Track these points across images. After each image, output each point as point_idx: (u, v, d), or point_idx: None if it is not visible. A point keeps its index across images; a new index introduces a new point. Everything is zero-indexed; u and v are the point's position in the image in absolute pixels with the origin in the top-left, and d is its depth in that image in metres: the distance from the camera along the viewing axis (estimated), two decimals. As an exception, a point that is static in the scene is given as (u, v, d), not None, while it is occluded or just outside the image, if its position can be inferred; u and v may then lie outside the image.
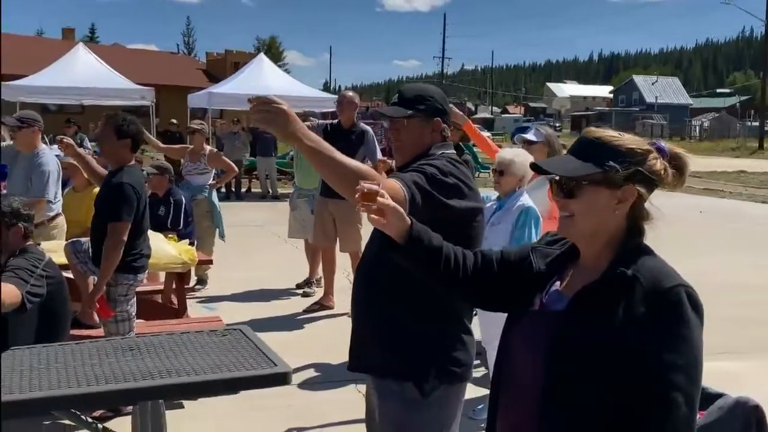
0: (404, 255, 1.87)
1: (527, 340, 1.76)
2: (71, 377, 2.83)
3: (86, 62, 16.99)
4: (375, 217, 1.80)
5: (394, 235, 1.85)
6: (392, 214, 1.81)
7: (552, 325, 1.69)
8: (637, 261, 1.67)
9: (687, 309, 1.60)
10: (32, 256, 3.35)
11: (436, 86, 2.95)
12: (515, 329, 1.82)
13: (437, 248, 1.90)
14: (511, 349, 1.81)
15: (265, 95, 2.13)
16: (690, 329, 1.59)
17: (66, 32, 41.57)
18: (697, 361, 1.60)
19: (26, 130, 5.42)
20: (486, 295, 1.97)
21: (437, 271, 1.90)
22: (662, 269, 1.66)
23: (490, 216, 4.43)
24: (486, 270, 1.95)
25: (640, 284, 1.62)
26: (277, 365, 3.01)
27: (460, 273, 1.92)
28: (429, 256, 1.89)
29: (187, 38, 75.54)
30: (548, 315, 1.75)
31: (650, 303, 1.60)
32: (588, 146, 1.75)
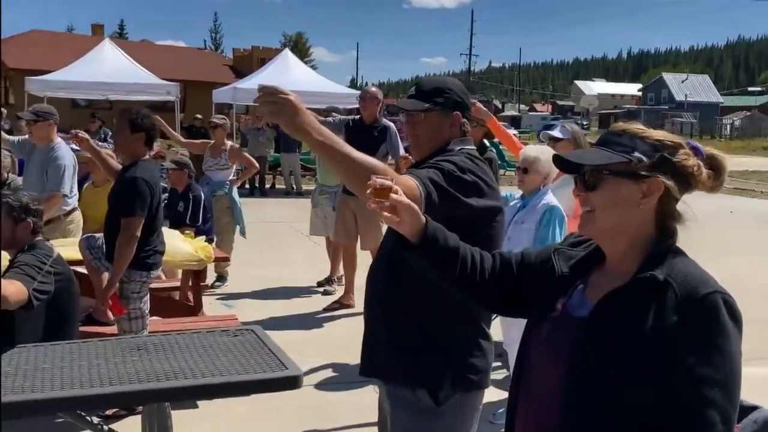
0: (418, 255, 1.75)
1: (548, 347, 1.64)
2: (75, 378, 2.75)
3: (112, 58, 17.04)
4: (388, 215, 1.68)
5: (407, 234, 1.73)
6: (406, 211, 1.69)
7: (574, 333, 1.56)
8: (668, 264, 1.53)
9: (724, 317, 1.46)
10: (40, 252, 3.27)
11: (460, 81, 2.82)
12: (536, 335, 1.69)
13: (453, 249, 1.78)
14: (531, 356, 1.69)
15: (272, 85, 1.99)
16: (727, 339, 1.45)
17: (95, 28, 41.82)
18: (734, 375, 1.46)
19: (42, 124, 5.37)
20: (505, 299, 1.84)
21: (453, 273, 1.78)
22: (696, 274, 1.52)
23: (514, 215, 4.29)
24: (505, 273, 1.82)
25: (672, 290, 1.48)
26: (288, 368, 2.91)
27: (477, 275, 1.80)
28: (444, 257, 1.77)
29: (215, 34, 75.89)
30: (571, 321, 1.61)
31: (683, 310, 1.46)
32: (613, 137, 1.62)
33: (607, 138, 1.64)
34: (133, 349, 3.10)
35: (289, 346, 5.88)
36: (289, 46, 52.49)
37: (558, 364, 1.56)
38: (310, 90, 16.54)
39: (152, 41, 48.95)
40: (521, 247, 3.95)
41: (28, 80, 15.91)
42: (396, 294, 2.33)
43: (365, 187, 1.95)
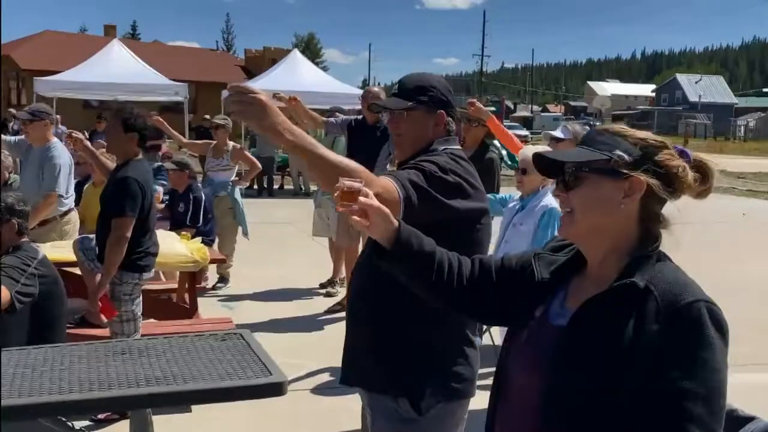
0: (391, 261, 1.67)
1: (525, 357, 1.56)
2: (55, 382, 2.69)
3: (121, 58, 17.04)
4: (357, 219, 1.60)
5: (379, 239, 1.65)
6: (376, 214, 1.61)
7: (552, 342, 1.48)
8: (650, 271, 1.45)
9: (708, 328, 1.37)
10: (24, 254, 3.21)
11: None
12: (514, 343, 1.61)
13: (429, 254, 1.69)
14: (510, 366, 1.61)
15: (242, 84, 1.91)
16: (711, 351, 1.37)
17: (108, 29, 41.98)
18: (718, 389, 1.37)
19: (37, 123, 5.32)
20: (483, 306, 1.75)
21: (428, 280, 1.70)
22: (680, 281, 1.44)
23: (512, 216, 4.21)
24: (484, 279, 1.74)
25: (654, 298, 1.40)
26: (273, 374, 2.83)
27: (455, 282, 1.71)
28: (419, 263, 1.68)
29: (227, 35, 76.11)
30: (549, 330, 1.53)
31: (665, 320, 1.38)
32: (595, 136, 1.55)
33: (589, 137, 1.57)
34: (117, 353, 3.03)
35: (289, 349, 5.89)
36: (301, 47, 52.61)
37: (536, 374, 1.48)
38: (318, 90, 16.50)
39: (164, 42, 49.10)
40: (518, 250, 3.89)
41: (36, 81, 15.94)
42: (376, 301, 2.25)
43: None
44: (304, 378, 5.22)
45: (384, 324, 2.26)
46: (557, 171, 1.55)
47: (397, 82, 2.46)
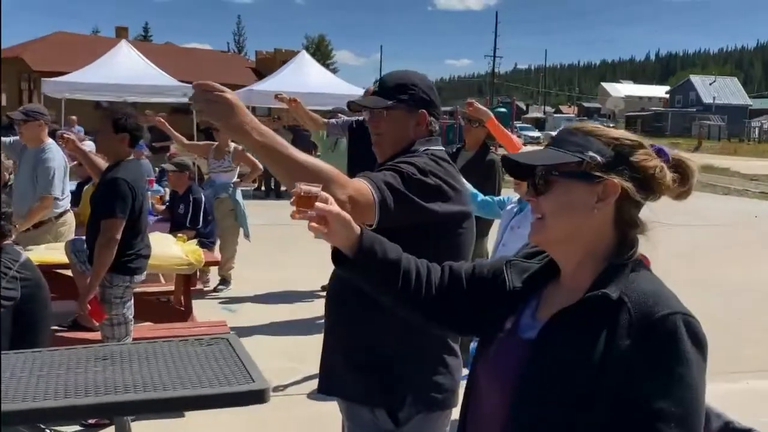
0: (352, 269, 1.58)
1: (494, 372, 1.47)
2: (30, 389, 2.62)
3: (129, 59, 17.01)
4: (315, 225, 1.51)
5: (340, 246, 1.56)
6: (336, 220, 1.53)
7: (520, 357, 1.39)
8: (625, 280, 1.35)
9: (684, 342, 1.28)
10: (6, 257, 3.15)
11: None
12: (483, 357, 1.52)
13: (393, 262, 1.60)
14: (479, 381, 1.51)
15: (208, 82, 1.83)
16: (687, 368, 1.27)
17: (119, 31, 42.04)
18: (695, 408, 1.28)
19: (32, 124, 5.27)
20: (454, 317, 1.66)
21: (394, 289, 1.60)
22: (655, 292, 1.34)
23: (510, 219, 4.11)
24: (454, 288, 1.65)
25: (627, 310, 1.31)
26: (255, 381, 2.75)
27: (423, 291, 1.62)
28: (383, 272, 1.59)
29: (238, 37, 76.24)
30: (518, 343, 1.44)
31: (638, 334, 1.29)
32: (566, 136, 1.45)
33: (560, 137, 1.47)
34: (99, 359, 2.96)
35: (288, 352, 5.82)
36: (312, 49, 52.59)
37: (504, 391, 1.39)
38: (326, 92, 16.42)
39: (176, 44, 49.23)
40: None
41: (44, 82, 15.95)
42: (352, 307, 2.17)
43: None
44: (301, 382, 5.14)
45: (358, 333, 2.18)
46: (528, 174, 1.46)
47: (377, 81, 2.37)
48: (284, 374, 5.19)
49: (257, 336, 6.19)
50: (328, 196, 1.54)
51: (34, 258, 3.96)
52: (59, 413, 2.59)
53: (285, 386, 5.04)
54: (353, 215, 1.92)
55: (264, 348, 5.70)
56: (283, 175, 1.88)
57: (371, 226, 1.97)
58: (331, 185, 1.84)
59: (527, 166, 1.44)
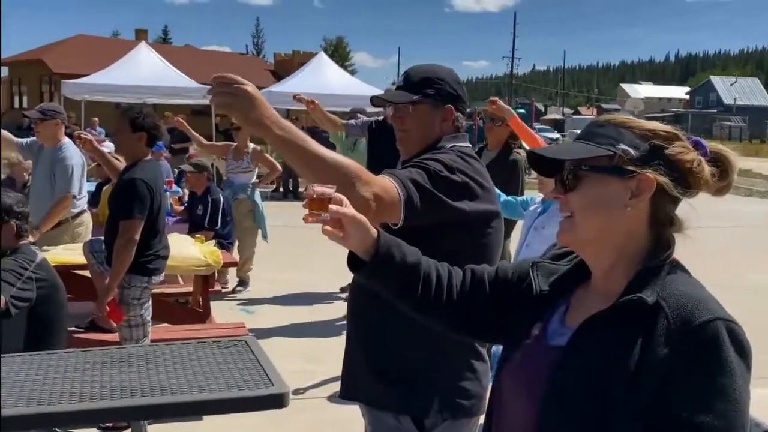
0: (370, 274, 1.49)
1: (520, 381, 1.37)
2: (46, 392, 2.57)
3: (148, 61, 17.02)
4: (329, 229, 1.43)
5: (356, 250, 1.48)
6: (351, 223, 1.44)
7: (549, 365, 1.29)
8: (662, 283, 1.26)
9: (727, 350, 1.18)
10: (22, 257, 3.10)
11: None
12: (508, 366, 1.42)
13: (412, 266, 1.51)
14: (504, 390, 1.42)
15: (228, 74, 1.75)
16: (730, 378, 1.17)
17: (139, 33, 42.35)
18: (738, 422, 1.17)
19: (48, 122, 5.23)
20: (476, 324, 1.56)
21: (413, 296, 1.52)
22: (696, 296, 1.24)
23: (534, 219, 4.01)
24: (476, 293, 1.55)
25: (664, 315, 1.21)
26: (274, 385, 2.68)
27: (444, 297, 1.53)
28: (402, 277, 1.50)
29: (257, 39, 76.38)
30: (546, 350, 1.35)
31: (677, 341, 1.19)
32: (596, 129, 1.35)
33: (589, 130, 1.37)
34: (115, 362, 2.91)
35: (306, 354, 5.75)
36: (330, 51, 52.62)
37: (531, 401, 1.30)
38: (344, 93, 16.37)
39: (195, 46, 49.49)
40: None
41: (64, 84, 16.00)
42: (376, 310, 2.08)
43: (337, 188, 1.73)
44: (320, 385, 5.07)
45: (382, 338, 2.10)
46: (555, 170, 1.36)
47: (403, 74, 2.28)
48: (303, 377, 5.12)
49: (275, 338, 6.13)
50: (343, 197, 1.45)
51: (51, 258, 3.92)
52: (75, 417, 2.53)
53: (304, 389, 4.97)
54: (378, 213, 1.84)
55: (282, 350, 5.64)
56: (306, 171, 1.80)
57: (396, 225, 1.89)
58: (356, 182, 1.76)
59: (554, 161, 1.35)
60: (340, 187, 1.76)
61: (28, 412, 2.42)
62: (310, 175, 1.81)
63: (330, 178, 1.76)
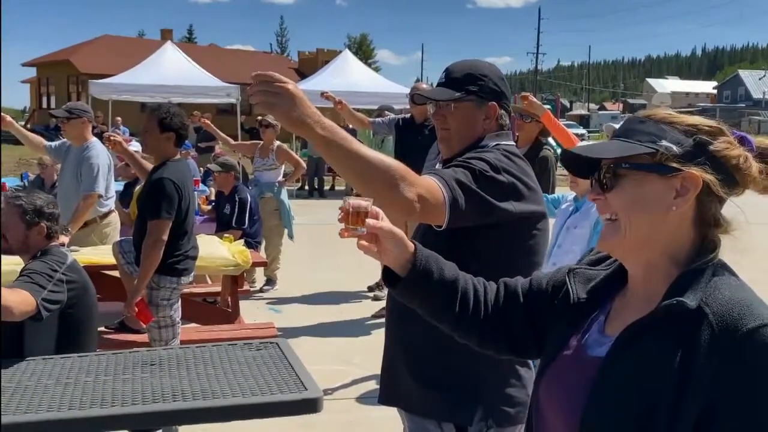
0: (405, 292, 1.43)
1: (559, 393, 1.30)
2: (77, 396, 2.54)
3: (174, 61, 17.11)
4: (365, 244, 1.37)
5: (392, 266, 1.42)
6: (388, 239, 1.38)
7: (589, 377, 1.21)
8: (706, 287, 1.17)
9: None
10: (53, 259, 3.07)
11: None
12: (547, 378, 1.34)
13: (450, 282, 1.45)
14: (542, 404, 1.34)
15: (268, 72, 1.68)
16: None
17: (164, 33, 42.56)
18: None
19: (75, 121, 5.22)
20: (513, 339, 1.49)
21: (450, 314, 1.46)
22: (743, 300, 1.15)
23: (566, 218, 3.93)
24: (511, 306, 1.49)
25: (708, 322, 1.13)
26: (308, 389, 2.63)
27: (481, 314, 1.47)
28: (439, 294, 1.44)
29: (281, 38, 76.54)
30: (586, 361, 1.27)
31: (723, 350, 1.11)
32: (635, 125, 1.27)
33: (628, 127, 1.28)
34: (146, 364, 2.88)
35: (335, 354, 5.71)
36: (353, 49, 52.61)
37: (571, 414, 1.22)
38: (369, 90, 16.33)
39: (220, 46, 49.73)
40: (573, 256, 3.61)
41: (91, 83, 16.13)
42: (416, 314, 2.02)
43: (377, 188, 1.66)
44: (350, 385, 5.02)
45: (424, 344, 2.03)
46: (592, 170, 1.28)
47: (444, 71, 2.21)
48: (332, 377, 5.08)
49: (303, 337, 6.10)
50: (379, 211, 1.40)
51: (81, 259, 3.90)
52: (107, 423, 2.50)
53: (333, 390, 4.92)
54: (422, 215, 1.78)
55: (311, 349, 5.60)
56: (348, 172, 1.74)
57: (441, 227, 1.83)
58: (400, 183, 1.70)
59: (590, 160, 1.27)
60: (383, 187, 1.70)
61: (61, 417, 2.40)
62: (353, 177, 1.75)
63: (372, 178, 1.70)
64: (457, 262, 1.52)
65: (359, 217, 1.37)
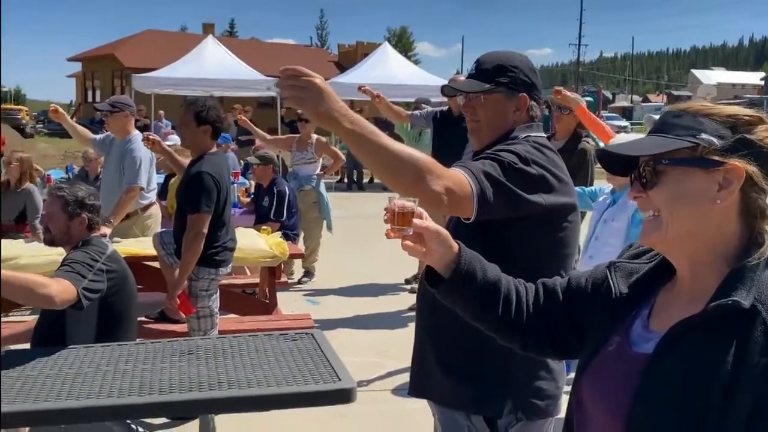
0: (448, 293, 1.43)
1: (603, 390, 1.27)
2: (116, 384, 2.60)
3: (215, 54, 17.27)
4: (410, 244, 1.37)
5: (436, 266, 1.42)
6: (433, 239, 1.39)
7: (635, 374, 1.19)
8: (758, 285, 1.14)
9: None
10: (93, 249, 3.14)
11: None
12: (588, 374, 1.32)
13: (493, 283, 1.44)
14: (584, 401, 1.32)
15: (295, 66, 1.70)
16: None
17: (206, 27, 43.05)
18: None
19: (118, 115, 5.32)
20: (554, 340, 1.48)
21: (493, 315, 1.45)
22: None
23: (603, 211, 3.89)
24: (551, 306, 1.47)
25: (762, 321, 1.11)
26: (342, 379, 2.66)
27: (524, 316, 1.46)
28: (482, 295, 1.44)
29: (321, 31, 76.80)
30: (630, 358, 1.25)
31: None
32: (672, 119, 1.25)
33: (665, 121, 1.26)
34: (183, 354, 2.93)
35: (371, 346, 5.73)
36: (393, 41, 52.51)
37: (615, 412, 1.20)
38: (408, 83, 16.30)
39: (261, 39, 50.08)
40: (610, 249, 3.57)
41: (134, 77, 16.38)
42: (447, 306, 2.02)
43: (405, 181, 1.66)
44: (386, 377, 5.04)
45: (454, 336, 2.03)
46: (629, 167, 1.27)
47: (474, 62, 2.20)
48: (369, 369, 5.10)
49: (341, 329, 6.14)
50: (423, 211, 1.40)
51: (122, 250, 3.98)
52: (144, 410, 2.55)
53: (369, 381, 4.95)
54: (450, 207, 1.78)
55: (348, 341, 5.64)
56: (375, 165, 1.75)
57: (468, 219, 1.82)
58: (427, 176, 1.70)
59: (628, 158, 1.25)
60: (411, 180, 1.71)
61: (99, 404, 2.45)
62: (380, 170, 1.76)
63: (400, 172, 1.71)
64: (487, 254, 1.52)
65: (405, 217, 1.37)
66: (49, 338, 3.08)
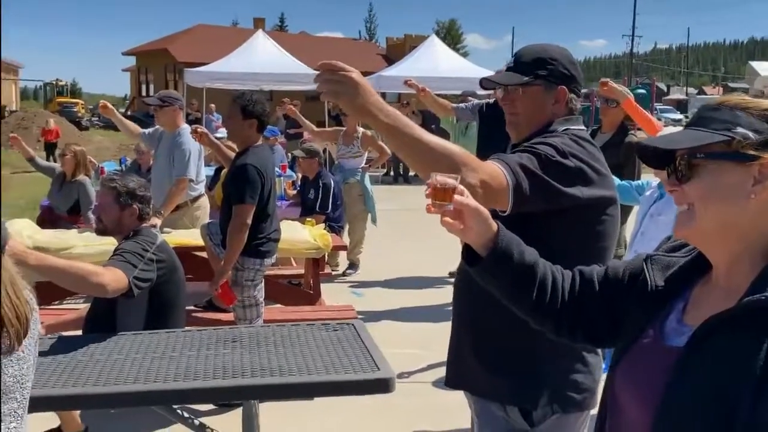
0: (486, 272, 1.45)
1: (635, 383, 1.28)
2: (161, 370, 2.69)
3: (265, 49, 17.46)
4: (449, 221, 1.39)
5: (474, 244, 1.44)
6: (473, 216, 1.40)
7: (667, 367, 1.19)
8: None
9: None
10: (143, 239, 3.24)
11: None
12: (622, 367, 1.33)
13: (530, 266, 1.46)
14: (617, 393, 1.33)
15: (332, 61, 1.75)
16: None
17: (257, 22, 43.50)
18: None
19: (167, 109, 5.44)
20: (589, 327, 1.49)
21: (528, 297, 1.46)
22: None
23: (650, 205, 3.84)
24: (587, 295, 1.48)
25: None
26: (381, 369, 2.70)
27: (559, 301, 1.47)
28: (518, 276, 1.45)
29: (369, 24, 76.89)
30: (663, 351, 1.25)
31: None
32: (708, 113, 1.25)
33: (702, 115, 1.26)
34: (228, 341, 3.01)
35: (414, 338, 5.77)
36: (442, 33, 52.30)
37: (646, 404, 1.21)
38: (456, 76, 16.23)
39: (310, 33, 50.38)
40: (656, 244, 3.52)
41: (186, 72, 16.67)
42: (486, 298, 2.04)
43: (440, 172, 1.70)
44: (426, 370, 5.07)
45: (491, 327, 2.04)
46: (667, 161, 1.27)
47: (513, 55, 2.21)
48: (410, 361, 5.13)
49: (384, 321, 6.18)
50: (464, 188, 1.42)
51: (171, 240, 4.09)
52: (189, 396, 2.63)
53: (410, 373, 4.98)
54: (485, 200, 1.79)
55: (390, 333, 5.67)
56: (411, 158, 1.79)
57: (504, 212, 1.84)
58: (462, 168, 1.72)
59: (665, 152, 1.26)
60: (446, 173, 1.73)
61: (146, 389, 2.54)
62: (415, 163, 1.79)
63: (435, 164, 1.73)
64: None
65: (447, 193, 1.39)
66: (101, 326, 3.19)
